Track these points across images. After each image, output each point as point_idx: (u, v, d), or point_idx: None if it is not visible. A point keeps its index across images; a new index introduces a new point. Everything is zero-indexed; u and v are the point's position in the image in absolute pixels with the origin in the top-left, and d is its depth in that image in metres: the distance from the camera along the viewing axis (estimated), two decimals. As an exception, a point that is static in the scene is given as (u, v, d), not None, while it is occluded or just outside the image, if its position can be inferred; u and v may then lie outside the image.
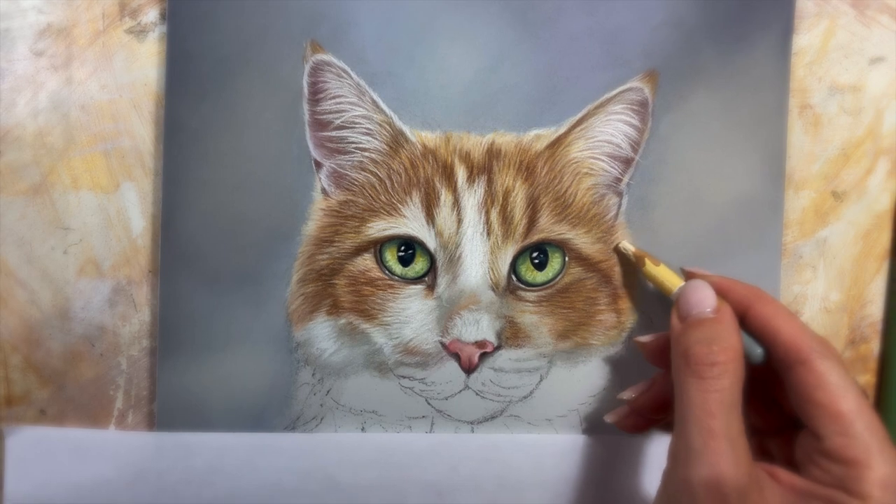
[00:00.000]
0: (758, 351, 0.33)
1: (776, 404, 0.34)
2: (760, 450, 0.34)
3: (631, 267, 0.38)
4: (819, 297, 0.41)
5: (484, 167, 0.38)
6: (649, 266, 0.37)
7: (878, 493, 0.28)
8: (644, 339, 0.37)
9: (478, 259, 0.37)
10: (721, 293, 0.34)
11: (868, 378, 0.41)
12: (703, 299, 0.33)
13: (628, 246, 0.38)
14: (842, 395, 0.30)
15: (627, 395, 0.37)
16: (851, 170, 0.40)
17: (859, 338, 0.41)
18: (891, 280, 0.41)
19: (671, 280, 0.36)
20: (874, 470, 0.28)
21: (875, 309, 0.41)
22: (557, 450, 0.38)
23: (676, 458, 0.30)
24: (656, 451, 0.39)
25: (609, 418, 0.38)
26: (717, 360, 0.30)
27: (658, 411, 0.36)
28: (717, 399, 0.30)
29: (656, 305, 0.39)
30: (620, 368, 0.39)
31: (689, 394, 0.30)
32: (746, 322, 0.33)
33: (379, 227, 0.37)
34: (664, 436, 0.38)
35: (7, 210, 0.37)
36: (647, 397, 0.36)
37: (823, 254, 0.40)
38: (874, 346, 0.41)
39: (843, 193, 0.40)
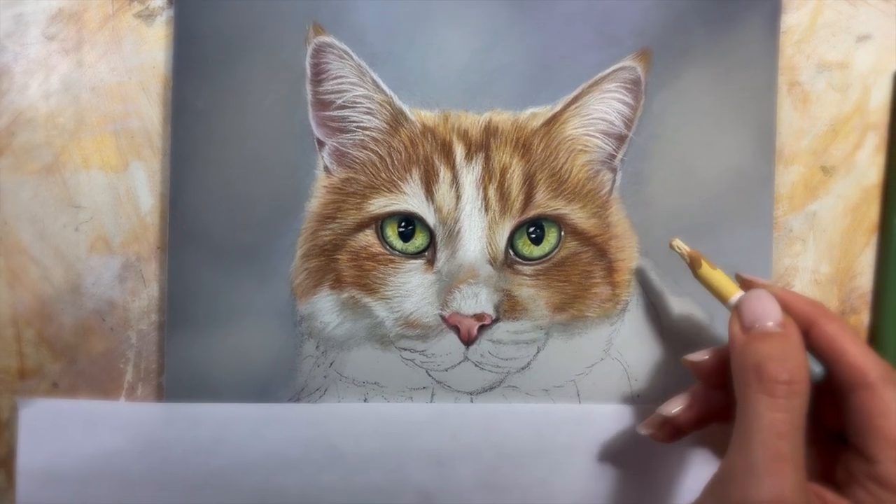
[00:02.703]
0: (816, 370, 0.32)
1: (814, 415, 0.32)
2: None
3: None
4: (809, 269, 0.41)
5: (481, 145, 0.38)
6: (705, 269, 0.35)
7: None
8: (696, 357, 0.35)
9: (476, 234, 0.38)
10: (783, 306, 0.32)
11: (859, 349, 0.42)
12: (769, 312, 0.32)
13: (682, 245, 0.36)
14: None
15: (669, 410, 0.35)
16: (840, 145, 0.41)
17: (849, 309, 0.42)
18: (879, 252, 0.41)
19: (727, 287, 0.34)
20: None
21: (864, 281, 0.42)
22: (555, 419, 0.39)
23: (733, 475, 0.29)
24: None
25: (642, 430, 0.37)
26: (793, 378, 0.29)
27: (697, 425, 0.35)
28: (787, 419, 0.29)
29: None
30: (617, 340, 0.40)
31: (757, 411, 0.29)
32: (809, 339, 0.32)
33: (380, 204, 0.38)
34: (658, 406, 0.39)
35: (20, 189, 0.38)
36: (689, 414, 0.35)
37: (813, 227, 0.41)
38: (864, 318, 0.42)
39: (832, 168, 0.41)
